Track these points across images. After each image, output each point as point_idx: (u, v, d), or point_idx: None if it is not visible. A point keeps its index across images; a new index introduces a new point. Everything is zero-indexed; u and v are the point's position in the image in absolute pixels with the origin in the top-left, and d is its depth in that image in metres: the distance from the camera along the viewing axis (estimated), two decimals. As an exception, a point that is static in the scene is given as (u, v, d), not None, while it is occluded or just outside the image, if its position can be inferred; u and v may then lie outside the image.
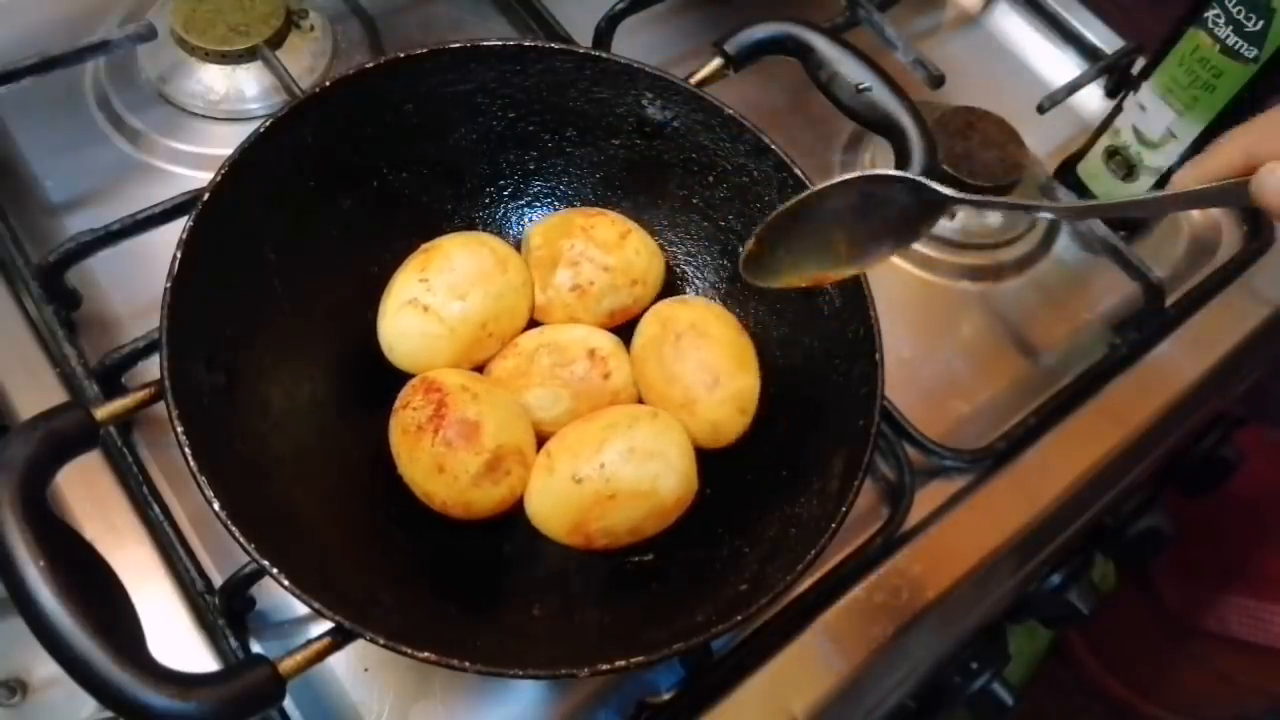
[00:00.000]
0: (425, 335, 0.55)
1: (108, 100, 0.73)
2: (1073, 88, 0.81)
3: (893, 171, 0.47)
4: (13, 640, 0.60)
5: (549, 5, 0.80)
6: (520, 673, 0.44)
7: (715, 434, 0.55)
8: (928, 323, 0.75)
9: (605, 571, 0.54)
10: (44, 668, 0.62)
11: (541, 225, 0.60)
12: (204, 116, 0.73)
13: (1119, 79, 0.86)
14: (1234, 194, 0.37)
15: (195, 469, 0.43)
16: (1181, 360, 0.75)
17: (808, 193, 0.47)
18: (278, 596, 0.57)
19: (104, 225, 0.61)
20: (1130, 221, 0.78)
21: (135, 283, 0.64)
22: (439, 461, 0.51)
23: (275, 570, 0.42)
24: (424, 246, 0.57)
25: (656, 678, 0.58)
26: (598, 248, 0.58)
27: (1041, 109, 0.79)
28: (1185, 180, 0.40)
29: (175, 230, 0.49)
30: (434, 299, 0.54)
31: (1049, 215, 0.54)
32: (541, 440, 0.54)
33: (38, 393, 0.59)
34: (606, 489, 0.51)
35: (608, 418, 0.53)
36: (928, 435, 0.66)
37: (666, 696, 0.56)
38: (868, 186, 0.46)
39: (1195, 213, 0.84)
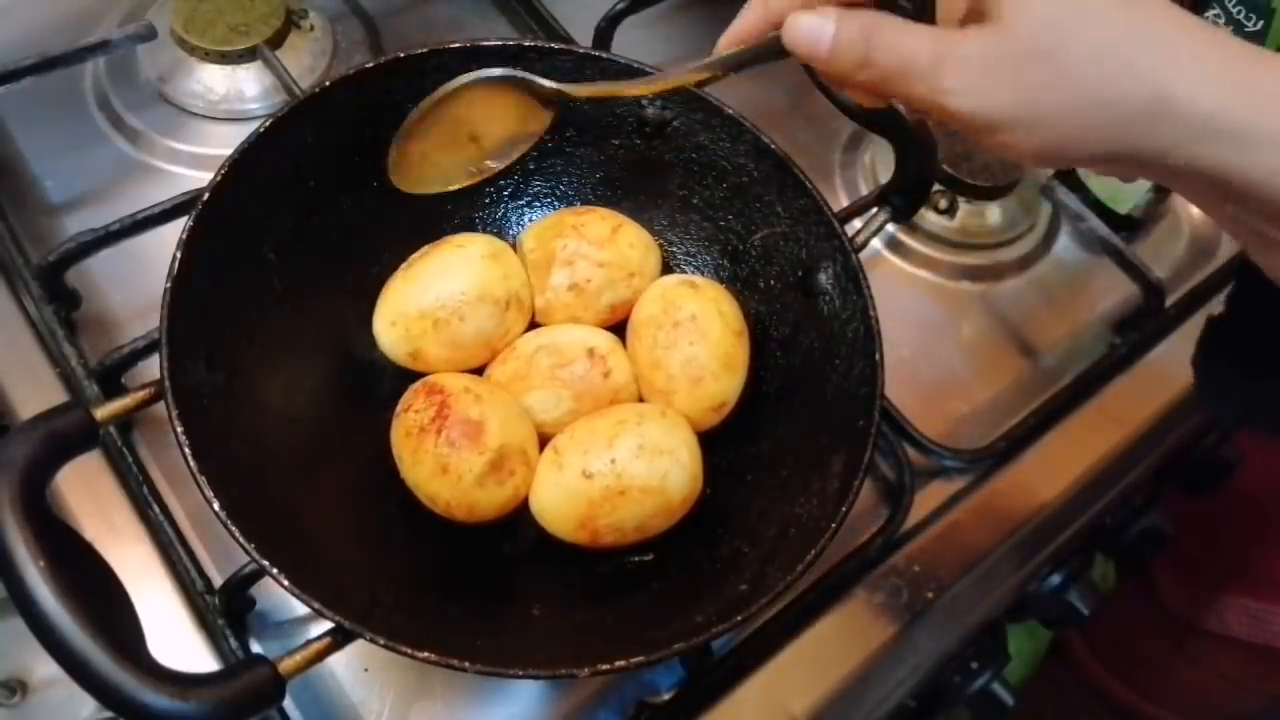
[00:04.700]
0: (421, 342, 0.55)
1: (108, 100, 0.73)
2: (1073, 88, 0.81)
3: (497, 71, 0.48)
4: (13, 640, 0.60)
5: (549, 5, 0.80)
6: (520, 673, 0.44)
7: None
8: (928, 323, 0.75)
9: (605, 571, 0.54)
10: (44, 668, 0.62)
11: (534, 228, 0.60)
12: (204, 116, 0.73)
13: (1119, 79, 0.86)
14: (773, 49, 0.42)
15: (195, 469, 0.43)
16: (1181, 360, 0.74)
17: (428, 101, 0.48)
18: (278, 596, 0.57)
19: (104, 225, 0.61)
20: (1130, 221, 0.78)
21: (135, 283, 0.64)
22: (442, 462, 0.51)
23: (275, 570, 0.42)
24: (422, 250, 0.57)
25: (656, 678, 0.58)
26: (591, 244, 0.58)
27: (1041, 109, 0.79)
28: (725, 44, 0.44)
29: (175, 230, 0.49)
30: (428, 309, 0.55)
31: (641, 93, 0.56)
32: (543, 443, 0.54)
33: (38, 393, 0.59)
34: (617, 484, 0.51)
35: (617, 414, 0.53)
36: (928, 435, 0.66)
37: (666, 696, 0.56)
38: (484, 90, 0.48)
39: (1195, 212, 0.84)
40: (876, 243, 0.75)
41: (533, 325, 0.59)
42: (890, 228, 0.73)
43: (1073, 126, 0.37)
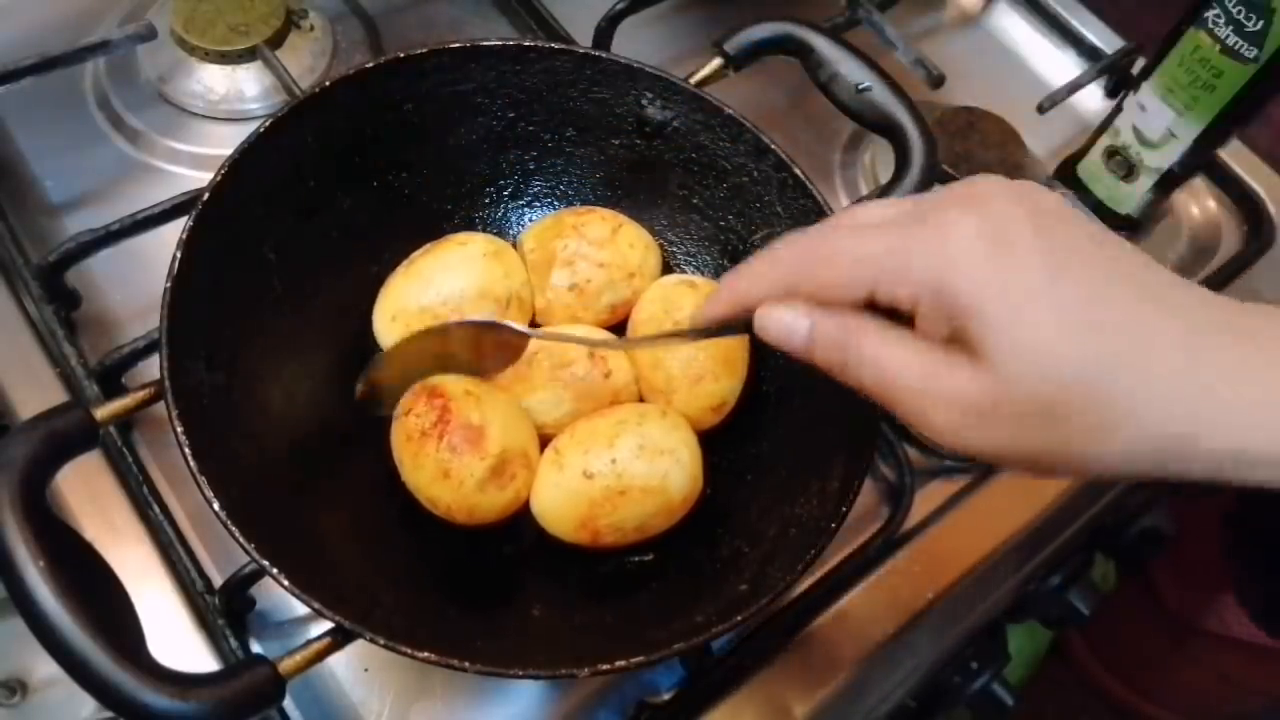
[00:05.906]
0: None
1: (108, 100, 0.73)
2: (1073, 88, 0.81)
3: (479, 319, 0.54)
4: (13, 640, 0.60)
5: (549, 5, 0.80)
6: (520, 673, 0.44)
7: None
8: (928, 323, 0.75)
9: (605, 572, 0.54)
10: (44, 668, 0.62)
11: (534, 229, 0.60)
12: (204, 116, 0.73)
13: (1119, 79, 0.86)
14: (742, 327, 0.41)
15: (195, 469, 0.43)
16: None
17: (412, 336, 0.52)
18: (278, 596, 0.57)
19: (104, 225, 0.61)
20: (1130, 222, 0.78)
21: (135, 283, 0.64)
22: (444, 468, 0.50)
23: (275, 570, 0.42)
24: (424, 248, 0.57)
25: (656, 678, 0.58)
26: (591, 245, 0.58)
27: (1041, 109, 0.79)
28: (699, 319, 0.44)
29: (175, 230, 0.49)
30: (429, 305, 0.55)
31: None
32: (543, 444, 0.54)
33: (38, 393, 0.59)
34: (618, 484, 0.51)
35: (617, 414, 0.53)
36: (928, 435, 0.66)
37: (666, 696, 0.56)
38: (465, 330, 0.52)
39: (1195, 212, 0.84)
40: (876, 243, 0.75)
41: (533, 325, 0.59)
42: (890, 228, 0.73)
43: (1090, 466, 0.35)
